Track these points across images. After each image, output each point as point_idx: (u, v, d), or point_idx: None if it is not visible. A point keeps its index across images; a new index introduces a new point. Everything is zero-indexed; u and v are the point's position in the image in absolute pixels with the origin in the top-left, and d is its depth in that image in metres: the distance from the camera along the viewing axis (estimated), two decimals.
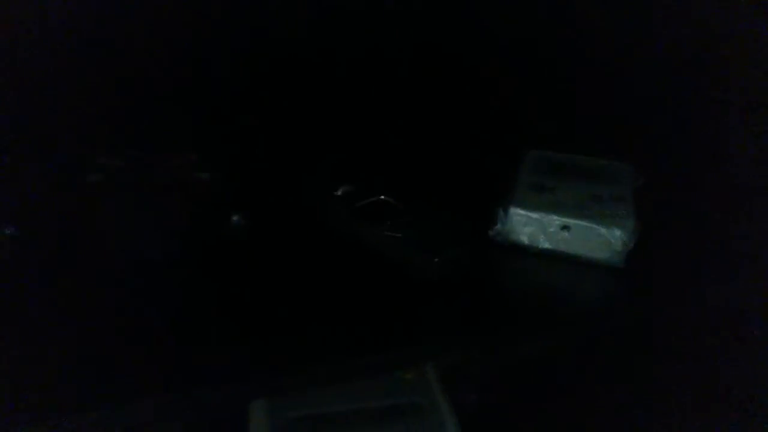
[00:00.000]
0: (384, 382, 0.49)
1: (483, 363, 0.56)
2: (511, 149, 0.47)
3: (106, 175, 0.43)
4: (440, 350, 0.38)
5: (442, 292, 0.37)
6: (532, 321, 0.36)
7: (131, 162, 0.44)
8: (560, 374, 0.55)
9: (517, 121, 0.52)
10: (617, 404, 0.53)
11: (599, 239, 0.37)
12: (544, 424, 0.55)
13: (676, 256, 0.40)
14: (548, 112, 0.53)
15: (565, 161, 0.46)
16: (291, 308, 0.35)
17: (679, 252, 0.40)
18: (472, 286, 0.38)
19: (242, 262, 0.38)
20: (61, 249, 0.38)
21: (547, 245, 0.39)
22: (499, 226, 0.40)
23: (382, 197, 0.43)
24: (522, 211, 0.39)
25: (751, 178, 0.45)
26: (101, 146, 0.46)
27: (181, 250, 0.39)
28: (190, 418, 0.34)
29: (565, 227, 0.38)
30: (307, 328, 0.34)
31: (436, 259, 0.38)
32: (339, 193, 0.45)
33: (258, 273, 0.38)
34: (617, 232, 0.37)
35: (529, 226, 0.39)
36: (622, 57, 0.51)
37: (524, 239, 0.39)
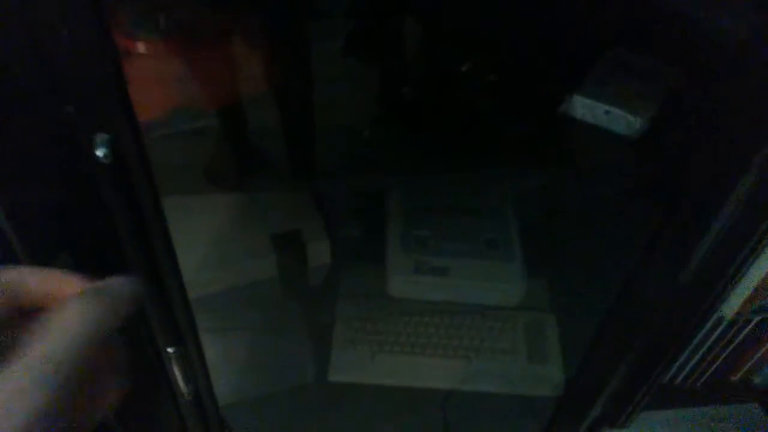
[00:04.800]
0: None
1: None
2: (592, 49, 0.67)
3: None
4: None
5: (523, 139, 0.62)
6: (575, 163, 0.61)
7: None
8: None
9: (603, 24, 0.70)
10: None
11: (627, 121, 0.59)
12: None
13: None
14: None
15: (628, 62, 0.65)
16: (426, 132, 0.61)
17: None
18: (539, 140, 0.62)
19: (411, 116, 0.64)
20: None
21: (590, 120, 0.61)
22: (565, 106, 0.62)
23: (492, 76, 0.66)
24: (582, 99, 0.61)
25: None
26: None
27: None
28: None
29: (607, 112, 0.60)
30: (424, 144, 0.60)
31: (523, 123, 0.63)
32: (464, 69, 0.68)
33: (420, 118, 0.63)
34: (638, 119, 0.59)
35: (584, 108, 0.61)
36: None
37: (578, 115, 0.62)
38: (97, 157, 0.32)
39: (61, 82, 0.30)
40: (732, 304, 0.74)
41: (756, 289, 0.71)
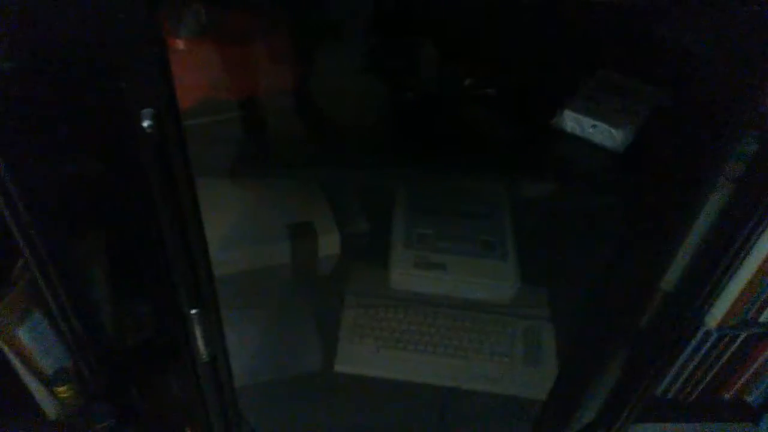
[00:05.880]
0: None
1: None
2: (583, 69, 0.73)
3: None
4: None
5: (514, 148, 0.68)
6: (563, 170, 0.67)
7: None
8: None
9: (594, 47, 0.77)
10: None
11: (611, 135, 0.65)
12: None
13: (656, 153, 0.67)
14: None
15: (614, 82, 0.71)
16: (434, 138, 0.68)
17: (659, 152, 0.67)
18: (532, 149, 0.68)
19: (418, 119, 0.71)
20: None
21: (579, 133, 0.67)
22: (556, 119, 0.69)
23: (490, 90, 0.73)
24: (571, 113, 0.67)
25: None
26: None
27: None
28: None
29: (593, 126, 0.66)
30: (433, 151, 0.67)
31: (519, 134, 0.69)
32: (467, 83, 0.75)
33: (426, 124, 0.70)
34: (621, 133, 0.65)
35: (573, 122, 0.67)
36: None
37: (568, 128, 0.68)
38: (143, 128, 0.40)
39: (117, 65, 0.38)
40: (715, 315, 0.78)
41: (736, 300, 0.75)
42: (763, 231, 0.68)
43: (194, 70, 0.57)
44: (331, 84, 0.72)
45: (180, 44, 0.58)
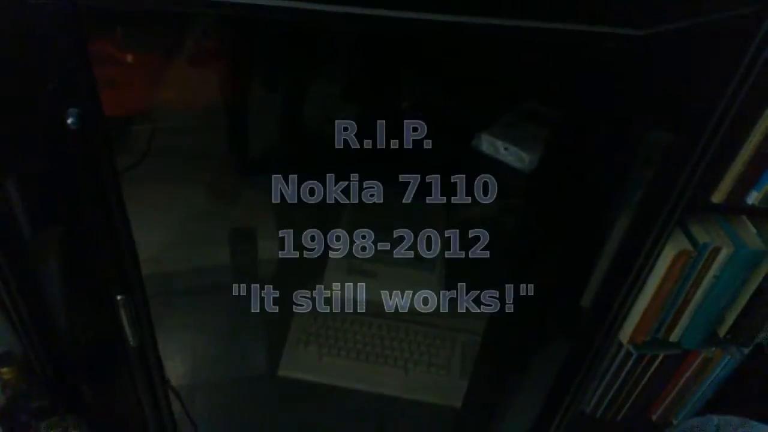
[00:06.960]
0: None
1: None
2: (508, 100, 0.80)
3: None
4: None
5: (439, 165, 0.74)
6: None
7: None
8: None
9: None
10: None
11: (519, 157, 0.72)
12: None
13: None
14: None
15: (535, 111, 0.78)
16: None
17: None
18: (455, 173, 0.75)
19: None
20: None
21: (494, 155, 0.74)
22: (475, 141, 0.75)
23: (422, 113, 0.80)
24: (487, 137, 0.74)
25: None
26: None
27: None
28: None
29: (506, 148, 0.73)
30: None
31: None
32: (404, 105, 0.82)
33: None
34: (528, 155, 0.71)
35: (489, 144, 0.74)
36: None
37: (485, 150, 0.75)
38: (68, 124, 0.46)
39: (47, 69, 0.45)
40: (626, 331, 0.83)
41: (644, 315, 0.80)
42: (657, 256, 0.73)
43: (143, 81, 0.64)
44: (275, 102, 0.79)
45: (129, 58, 0.65)
